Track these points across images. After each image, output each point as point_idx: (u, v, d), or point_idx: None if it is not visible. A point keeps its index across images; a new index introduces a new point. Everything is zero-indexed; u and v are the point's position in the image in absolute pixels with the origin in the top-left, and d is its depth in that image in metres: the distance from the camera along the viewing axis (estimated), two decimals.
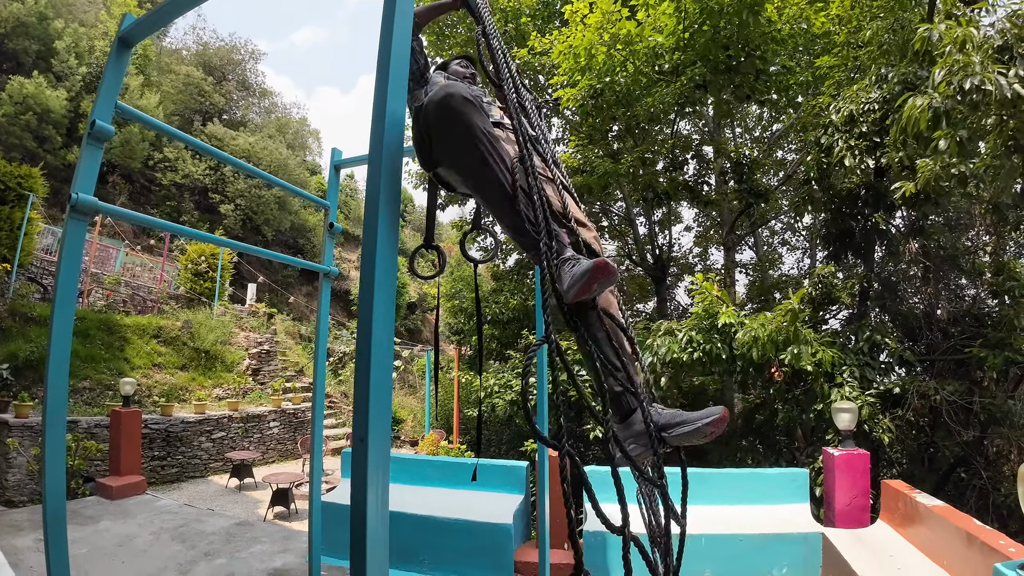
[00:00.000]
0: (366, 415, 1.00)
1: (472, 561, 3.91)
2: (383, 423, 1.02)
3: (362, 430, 1.00)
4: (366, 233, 1.12)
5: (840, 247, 8.62)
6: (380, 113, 1.16)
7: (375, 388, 1.02)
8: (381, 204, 1.10)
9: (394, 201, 1.15)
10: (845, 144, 6.87)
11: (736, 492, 4.28)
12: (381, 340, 1.04)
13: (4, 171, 10.56)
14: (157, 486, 8.32)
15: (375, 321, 1.03)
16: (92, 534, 4.89)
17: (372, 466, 0.99)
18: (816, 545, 4.05)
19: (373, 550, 0.99)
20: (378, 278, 1.06)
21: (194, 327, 12.03)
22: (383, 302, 1.06)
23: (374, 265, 1.06)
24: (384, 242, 1.09)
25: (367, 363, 1.02)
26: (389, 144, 1.15)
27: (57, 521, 1.92)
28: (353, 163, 3.47)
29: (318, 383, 3.34)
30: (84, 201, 1.95)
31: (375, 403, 1.01)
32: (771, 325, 5.75)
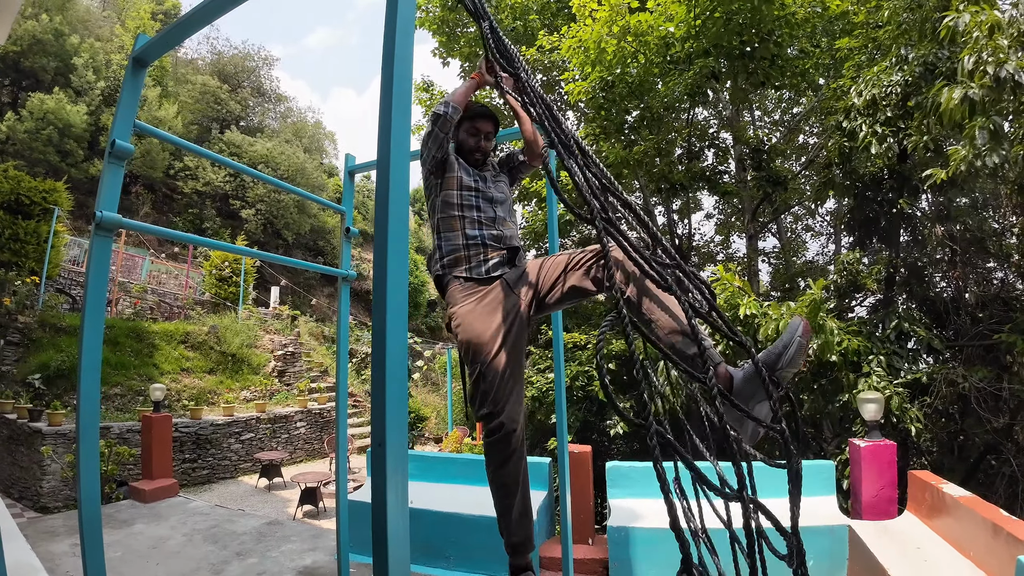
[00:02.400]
0: (383, 420, 1.03)
1: (497, 557, 3.93)
2: (400, 427, 1.05)
3: (380, 435, 1.03)
4: (377, 242, 1.14)
5: (865, 232, 8.46)
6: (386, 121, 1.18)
7: (391, 394, 1.04)
8: (390, 214, 1.12)
9: (402, 210, 1.17)
10: (870, 129, 6.73)
11: (762, 485, 4.25)
12: (395, 349, 1.07)
13: (29, 186, 10.93)
14: (189, 488, 8.55)
15: (388, 324, 1.06)
16: (126, 537, 5.03)
17: (391, 469, 1.02)
18: (843, 537, 4.00)
19: (394, 549, 1.01)
20: (390, 279, 1.08)
21: (220, 331, 12.30)
22: (395, 302, 1.08)
23: (385, 273, 1.09)
24: (395, 250, 1.11)
25: (382, 370, 1.05)
26: (396, 150, 1.17)
27: (93, 526, 1.99)
28: (367, 168, 3.51)
29: (341, 385, 3.40)
30: (108, 219, 2.02)
31: (391, 408, 1.04)
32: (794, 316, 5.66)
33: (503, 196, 2.13)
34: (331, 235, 25.12)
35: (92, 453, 2.02)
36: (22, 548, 2.85)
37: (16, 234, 10.58)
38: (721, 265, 6.51)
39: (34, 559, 2.74)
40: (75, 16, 20.03)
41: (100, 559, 2.02)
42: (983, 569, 3.10)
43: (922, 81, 6.34)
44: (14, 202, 10.61)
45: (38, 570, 2.60)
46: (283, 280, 20.75)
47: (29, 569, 2.58)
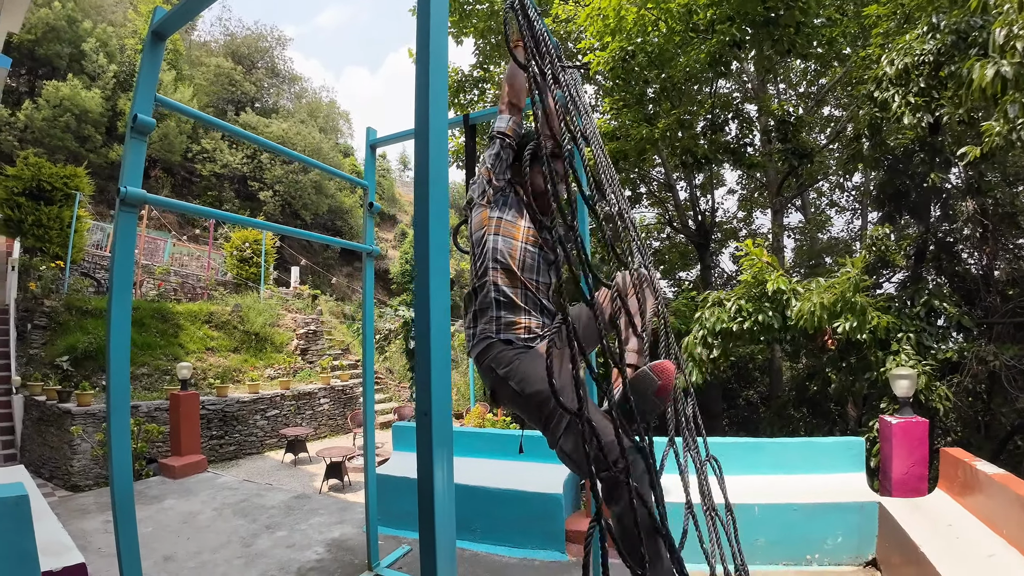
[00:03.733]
0: (428, 390, 1.01)
1: (523, 529, 3.99)
2: (444, 397, 1.03)
3: (426, 404, 1.01)
4: (417, 211, 1.11)
5: (895, 207, 8.22)
6: (424, 86, 1.14)
7: (436, 364, 1.02)
8: (431, 180, 1.09)
9: (442, 176, 1.14)
10: (903, 100, 6.49)
11: (790, 461, 4.21)
12: (439, 317, 1.04)
13: (50, 172, 11.07)
14: (217, 464, 8.76)
15: (432, 300, 1.03)
16: (157, 512, 5.14)
17: (436, 438, 1.00)
18: (872, 514, 3.96)
19: (441, 519, 1.00)
20: (432, 256, 1.05)
21: (243, 311, 12.48)
22: (438, 281, 1.05)
23: (428, 243, 1.06)
24: (436, 219, 1.08)
25: (427, 340, 1.03)
26: (435, 115, 1.13)
27: (125, 502, 2.02)
28: (389, 141, 3.46)
29: (367, 361, 3.42)
30: (133, 194, 2.03)
31: (436, 378, 1.02)
32: (826, 294, 5.53)
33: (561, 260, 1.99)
34: (348, 215, 25.21)
35: (123, 431, 2.05)
36: (53, 526, 2.91)
37: (39, 220, 10.75)
38: (749, 240, 6.36)
39: (65, 537, 2.80)
40: (88, 2, 20.04)
41: (133, 535, 2.06)
42: (1016, 547, 3.04)
43: (955, 50, 6.09)
44: (36, 188, 10.76)
45: (70, 547, 2.65)
46: (303, 260, 20.94)
47: (60, 547, 2.64)
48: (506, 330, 1.78)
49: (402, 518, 4.41)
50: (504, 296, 1.78)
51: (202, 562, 3.99)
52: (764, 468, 4.21)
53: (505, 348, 1.76)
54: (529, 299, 1.81)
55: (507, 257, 1.77)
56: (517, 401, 1.73)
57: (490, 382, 1.80)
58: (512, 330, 1.78)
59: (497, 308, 1.79)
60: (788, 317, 5.56)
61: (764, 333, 5.78)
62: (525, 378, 1.70)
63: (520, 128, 1.89)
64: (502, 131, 1.84)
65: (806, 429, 6.70)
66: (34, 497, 3.68)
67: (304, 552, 4.15)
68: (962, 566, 2.88)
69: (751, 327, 5.63)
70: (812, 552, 3.96)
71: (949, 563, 2.92)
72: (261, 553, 4.15)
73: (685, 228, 11.62)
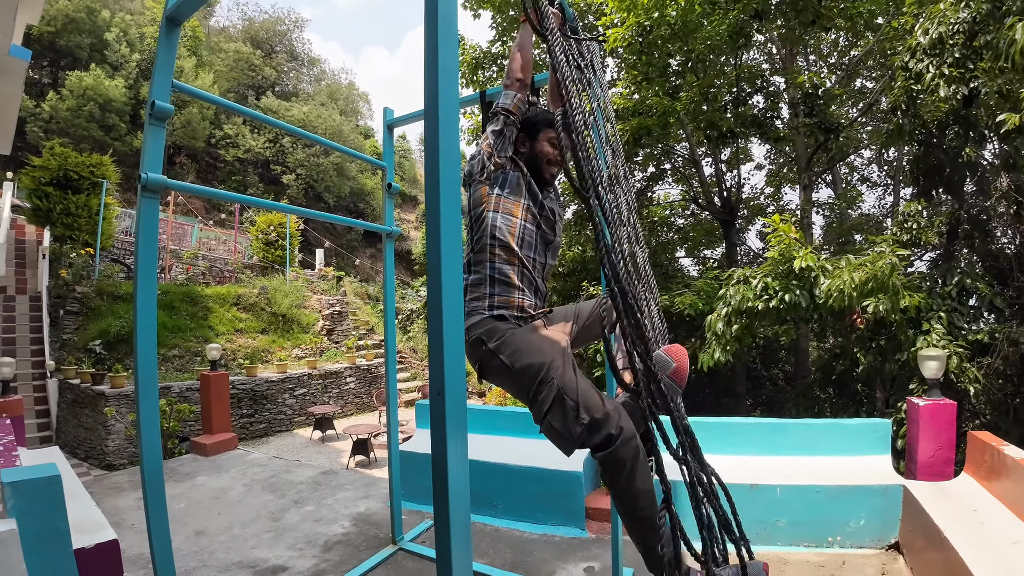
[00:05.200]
0: (442, 369, 1.02)
1: (544, 507, 4.04)
2: (458, 376, 1.04)
3: (439, 384, 1.02)
4: (428, 191, 1.11)
5: (929, 183, 7.94)
6: (432, 63, 1.13)
7: (448, 344, 1.03)
8: (441, 160, 1.09)
9: (453, 155, 1.13)
10: (937, 71, 6.23)
11: (815, 442, 4.17)
12: (451, 297, 1.05)
13: (76, 161, 11.31)
14: (247, 441, 9.04)
15: (444, 280, 1.04)
16: (189, 489, 5.31)
17: (450, 417, 1.02)
18: (896, 498, 3.91)
19: (455, 496, 1.02)
20: (444, 235, 1.06)
21: (270, 293, 12.73)
22: (450, 261, 1.06)
23: (439, 223, 1.06)
24: (447, 198, 1.08)
25: (439, 319, 1.04)
26: (445, 94, 1.12)
27: (155, 480, 2.09)
28: (406, 120, 3.46)
29: (389, 340, 3.47)
30: (154, 180, 2.06)
31: (449, 358, 1.03)
32: (859, 273, 5.37)
33: (558, 241, 1.97)
34: (370, 196, 25.36)
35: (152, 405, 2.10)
36: (87, 504, 3.03)
37: (67, 208, 11.03)
38: (777, 215, 6.21)
39: (98, 514, 2.91)
40: None
41: (163, 511, 2.14)
42: None
43: (989, 19, 5.80)
44: (63, 178, 11.01)
45: (103, 525, 2.75)
46: (327, 242, 21.20)
47: (93, 525, 2.75)
48: (498, 307, 1.77)
49: (425, 493, 4.50)
50: (500, 274, 1.77)
51: (232, 536, 4.15)
52: (787, 449, 4.18)
53: (497, 322, 1.75)
54: (525, 277, 1.80)
55: (506, 235, 1.77)
56: (507, 375, 1.72)
57: (478, 356, 1.78)
58: (505, 308, 1.77)
59: (491, 285, 1.78)
60: (816, 295, 5.43)
61: (791, 312, 5.66)
62: (517, 351, 1.69)
63: (525, 106, 1.85)
64: (506, 108, 1.81)
65: (832, 410, 6.59)
66: (68, 477, 3.84)
67: (331, 526, 4.28)
68: (986, 552, 2.83)
69: (777, 305, 5.51)
70: (834, 534, 3.93)
71: (973, 548, 2.87)
72: (289, 527, 4.29)
73: (710, 205, 11.37)
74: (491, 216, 1.78)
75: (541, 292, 1.87)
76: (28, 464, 4.04)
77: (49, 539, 2.10)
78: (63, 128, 17.21)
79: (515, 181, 1.81)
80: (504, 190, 1.79)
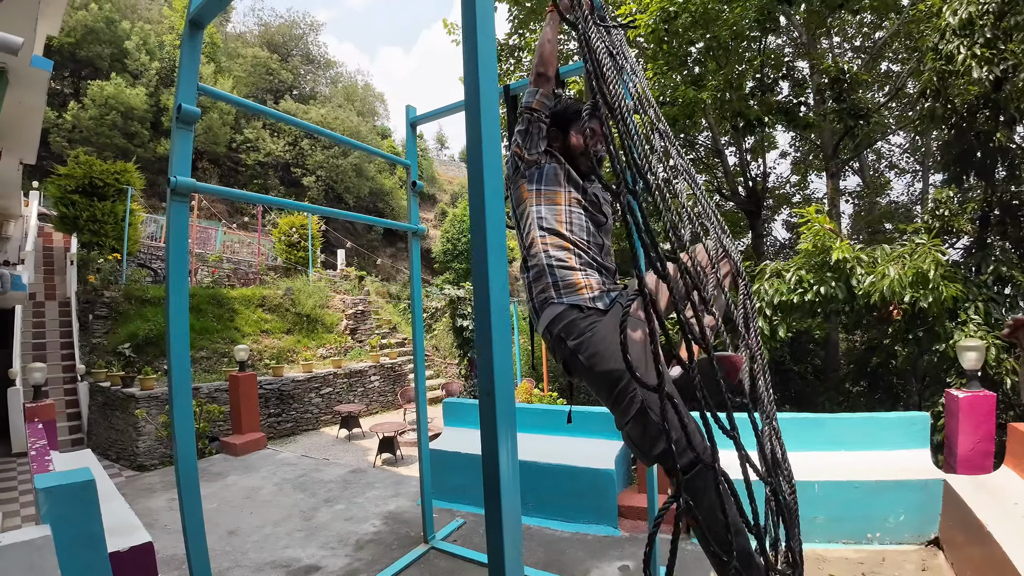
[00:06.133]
0: (491, 369, 1.00)
1: (575, 505, 4.01)
2: (506, 377, 1.02)
3: (489, 384, 1.00)
4: (472, 188, 1.09)
5: (959, 168, 7.71)
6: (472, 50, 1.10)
7: (497, 344, 1.01)
8: (484, 153, 1.06)
9: (495, 149, 1.11)
10: (968, 52, 6.05)
11: (853, 437, 4.07)
12: (498, 296, 1.03)
13: (101, 169, 11.54)
14: (276, 440, 9.16)
15: (491, 279, 1.01)
16: (221, 489, 5.39)
17: (500, 417, 1.00)
18: (936, 492, 3.80)
19: (507, 497, 1.00)
20: (489, 233, 1.03)
21: (294, 294, 12.88)
22: (496, 259, 1.03)
23: (484, 221, 1.04)
24: (491, 195, 1.06)
25: (487, 320, 1.01)
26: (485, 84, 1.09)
27: (190, 483, 2.10)
28: (429, 118, 3.44)
29: (417, 338, 3.46)
30: (183, 183, 2.07)
31: (498, 358, 1.01)
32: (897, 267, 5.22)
33: (611, 223, 1.89)
34: (389, 196, 25.52)
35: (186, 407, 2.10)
36: (121, 507, 3.09)
37: (94, 215, 11.26)
38: (812, 207, 6.06)
39: (132, 517, 2.96)
40: (124, 2, 20.63)
41: (198, 513, 2.14)
42: None
43: None
44: (88, 185, 11.24)
45: (136, 527, 2.79)
46: (348, 243, 21.39)
47: (128, 527, 2.79)
48: (567, 292, 1.67)
49: (455, 492, 4.51)
50: (557, 260, 1.71)
51: (265, 536, 4.19)
52: (824, 444, 4.09)
53: (577, 316, 1.63)
54: (583, 259, 1.73)
55: (553, 222, 1.74)
56: (587, 376, 1.62)
57: (560, 355, 1.67)
58: (575, 292, 1.66)
59: (551, 273, 1.71)
60: (853, 287, 5.28)
61: (825, 305, 5.51)
62: (597, 353, 1.57)
63: (550, 100, 1.81)
64: (529, 106, 1.79)
65: (867, 404, 6.42)
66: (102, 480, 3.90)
67: (362, 525, 4.31)
68: None
69: (813, 298, 5.37)
70: (873, 531, 3.84)
71: (1016, 543, 2.78)
72: (321, 526, 4.33)
73: (735, 195, 11.17)
74: (534, 209, 1.76)
75: (609, 270, 1.79)
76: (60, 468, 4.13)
77: (84, 543, 2.13)
78: (86, 137, 17.58)
79: (552, 173, 1.79)
80: (542, 184, 1.78)
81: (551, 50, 1.80)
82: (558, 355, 1.69)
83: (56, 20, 7.48)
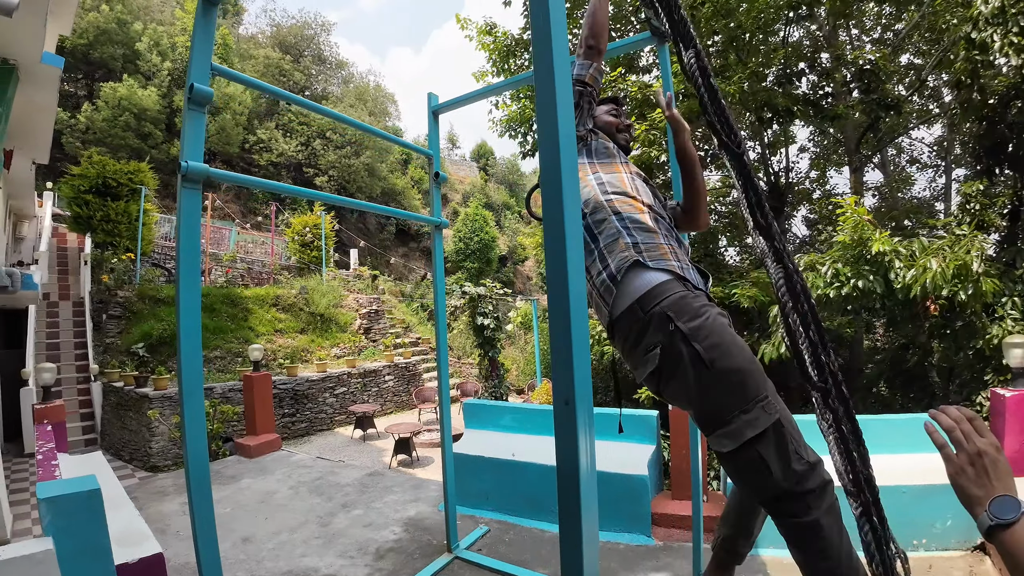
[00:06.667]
0: (571, 377, 0.85)
1: (607, 512, 3.84)
2: (586, 384, 0.87)
3: (567, 391, 0.85)
4: (545, 178, 0.93)
5: (991, 160, 7.49)
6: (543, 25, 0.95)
7: (576, 350, 0.86)
8: (561, 140, 0.91)
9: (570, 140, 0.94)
10: (1003, 39, 5.88)
11: (896, 439, 3.87)
12: (577, 303, 0.87)
13: (114, 169, 11.53)
14: (290, 440, 9.08)
15: (571, 284, 0.86)
16: (235, 492, 5.26)
17: (581, 428, 0.85)
18: None
19: (587, 511, 0.85)
20: (568, 235, 0.87)
21: (308, 293, 12.82)
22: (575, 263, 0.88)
23: (563, 222, 0.88)
24: (569, 197, 0.90)
25: (566, 325, 0.86)
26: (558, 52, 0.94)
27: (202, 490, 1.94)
28: (452, 105, 3.29)
29: (440, 336, 3.31)
30: (195, 168, 1.91)
31: (578, 364, 0.86)
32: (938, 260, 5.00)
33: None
34: (401, 196, 25.49)
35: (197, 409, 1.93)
36: (130, 515, 2.97)
37: (107, 215, 11.26)
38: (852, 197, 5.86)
39: (143, 525, 2.85)
40: (135, 3, 20.72)
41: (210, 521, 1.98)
42: None
43: None
44: (102, 186, 11.24)
45: (147, 536, 2.68)
46: (360, 242, 21.36)
47: (138, 536, 2.68)
48: (655, 259, 1.34)
49: (478, 497, 4.36)
50: (632, 221, 1.42)
51: (281, 542, 4.06)
52: (869, 447, 3.90)
53: (685, 292, 1.29)
54: (660, 223, 1.46)
55: (619, 186, 1.52)
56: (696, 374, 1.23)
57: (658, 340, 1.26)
58: (663, 259, 1.34)
59: (629, 233, 1.39)
60: (892, 281, 5.06)
61: (862, 299, 5.30)
62: (721, 344, 1.22)
63: (601, 75, 1.65)
64: (581, 79, 1.61)
65: (902, 405, 6.20)
66: (110, 485, 3.79)
67: (381, 531, 4.17)
68: None
69: (850, 292, 5.15)
70: (919, 537, 3.66)
71: None
72: (339, 532, 4.20)
73: None
74: (593, 178, 1.55)
75: (684, 247, 1.51)
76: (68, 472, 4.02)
77: (89, 556, 2.02)
78: (100, 138, 17.68)
79: (602, 148, 1.63)
80: (595, 158, 1.61)
81: (603, 20, 1.62)
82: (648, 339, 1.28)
83: (68, 20, 7.44)
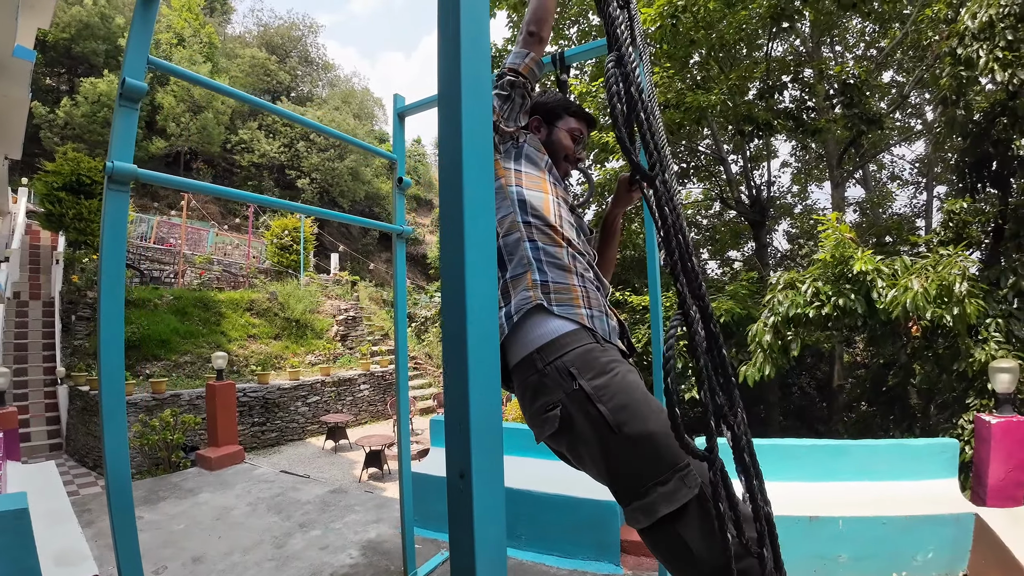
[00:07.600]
0: (467, 443, 0.64)
1: (574, 538, 3.65)
2: (492, 450, 0.67)
3: (462, 460, 0.64)
4: (443, 205, 0.74)
5: (974, 177, 7.48)
6: None
7: (476, 401, 0.66)
8: (465, 154, 0.70)
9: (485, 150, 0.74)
10: (989, 55, 5.85)
11: (877, 466, 3.73)
12: (482, 325, 0.68)
13: (88, 166, 11.19)
14: (258, 451, 8.77)
15: (469, 308, 0.66)
16: (191, 507, 5.02)
17: (479, 510, 0.64)
18: (968, 526, 3.47)
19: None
20: (468, 241, 0.68)
21: (283, 298, 12.50)
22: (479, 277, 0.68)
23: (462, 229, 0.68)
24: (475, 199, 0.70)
25: (464, 365, 0.66)
26: (469, 70, 0.73)
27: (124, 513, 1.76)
28: (418, 107, 3.09)
29: (400, 345, 3.11)
30: (120, 169, 1.73)
31: (478, 426, 0.65)
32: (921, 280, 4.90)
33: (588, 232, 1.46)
34: (385, 200, 25.26)
35: (119, 428, 1.77)
36: (72, 531, 2.73)
37: (80, 214, 10.86)
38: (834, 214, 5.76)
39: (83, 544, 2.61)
40: None
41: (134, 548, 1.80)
42: None
43: None
44: (76, 183, 10.87)
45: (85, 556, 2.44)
46: (341, 246, 21.05)
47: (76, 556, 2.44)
48: (562, 303, 1.18)
49: (441, 519, 4.12)
50: (546, 254, 1.24)
51: (232, 564, 3.81)
52: (848, 474, 3.74)
53: (591, 344, 1.13)
54: (578, 261, 1.27)
55: (540, 210, 1.30)
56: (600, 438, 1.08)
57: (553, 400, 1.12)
58: (570, 304, 1.18)
59: (539, 269, 1.22)
60: (874, 301, 4.94)
61: (844, 319, 5.17)
62: (628, 406, 1.06)
63: (539, 68, 1.41)
64: (514, 67, 1.38)
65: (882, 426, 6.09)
66: (57, 499, 3.56)
67: (337, 555, 3.92)
68: None
69: (831, 312, 5.01)
70: (899, 569, 3.50)
71: None
72: (293, 555, 3.95)
73: (738, 204, 10.88)
74: (515, 190, 1.32)
75: (604, 289, 1.33)
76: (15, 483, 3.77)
77: None
78: (78, 134, 17.26)
79: (533, 155, 1.39)
80: (521, 164, 1.37)
81: (547, 4, 1.39)
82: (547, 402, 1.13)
83: (47, 13, 7.18)
